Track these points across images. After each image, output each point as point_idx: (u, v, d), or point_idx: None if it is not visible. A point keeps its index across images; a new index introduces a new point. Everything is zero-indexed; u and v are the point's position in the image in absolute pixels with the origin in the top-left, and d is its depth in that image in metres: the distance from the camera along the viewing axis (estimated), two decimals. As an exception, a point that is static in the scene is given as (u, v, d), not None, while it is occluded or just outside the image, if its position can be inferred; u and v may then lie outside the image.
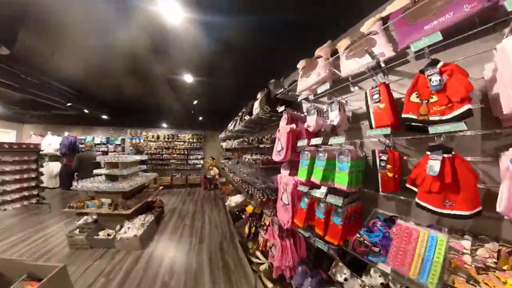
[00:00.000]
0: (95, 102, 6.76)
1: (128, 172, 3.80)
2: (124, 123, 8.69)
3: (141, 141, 8.71)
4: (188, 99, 6.02)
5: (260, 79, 3.11)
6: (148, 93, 5.88)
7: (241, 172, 3.80)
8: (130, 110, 8.07)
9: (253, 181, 2.99)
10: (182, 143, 9.06)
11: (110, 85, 4.84)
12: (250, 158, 3.01)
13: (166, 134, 8.97)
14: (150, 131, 8.92)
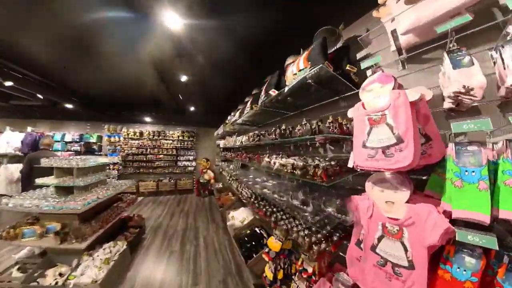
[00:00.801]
0: (63, 90, 5.44)
1: (87, 181, 2.57)
2: (102, 118, 7.31)
3: (121, 139, 7.34)
4: (178, 85, 4.85)
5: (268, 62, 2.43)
6: (129, 77, 4.69)
7: (255, 184, 2.64)
8: (107, 99, 6.74)
9: (290, 204, 1.83)
10: (171, 142, 7.77)
11: (82, 68, 4.04)
12: (281, 163, 1.89)
13: (151, 130, 7.65)
14: (131, 127, 7.57)
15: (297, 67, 1.69)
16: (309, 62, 1.51)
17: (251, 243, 2.97)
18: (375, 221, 1.07)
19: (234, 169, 4.12)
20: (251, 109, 2.60)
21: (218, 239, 3.98)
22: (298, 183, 2.16)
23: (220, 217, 5.18)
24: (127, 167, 7.34)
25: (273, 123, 3.15)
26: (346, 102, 1.76)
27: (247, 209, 4.08)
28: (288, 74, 1.77)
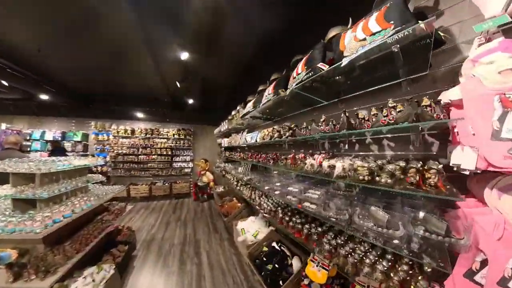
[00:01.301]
0: (37, 77, 4.68)
1: (54, 191, 1.91)
2: (89, 114, 6.56)
3: (110, 137, 6.59)
4: (174, 76, 4.22)
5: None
6: (120, 67, 4.05)
7: (287, 194, 1.99)
8: (93, 91, 5.99)
9: (358, 224, 1.26)
10: (165, 141, 7.07)
11: (61, 51, 3.52)
12: (347, 166, 1.31)
13: (144, 128, 6.93)
14: (122, 124, 6.82)
15: (365, 31, 1.16)
16: (391, 22, 1.03)
17: (273, 265, 2.35)
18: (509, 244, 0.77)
19: (244, 172, 3.50)
20: (276, 95, 2.02)
21: (224, 255, 3.36)
22: (359, 194, 1.57)
23: (223, 225, 4.57)
24: (117, 168, 6.60)
25: (296, 115, 2.55)
26: (410, 86, 1.29)
27: (258, 218, 3.49)
28: (347, 42, 1.29)
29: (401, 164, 1.09)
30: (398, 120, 1.08)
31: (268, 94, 2.23)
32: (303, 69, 1.62)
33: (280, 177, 2.64)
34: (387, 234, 1.09)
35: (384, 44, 1.05)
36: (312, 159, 1.68)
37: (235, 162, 4.62)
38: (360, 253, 1.31)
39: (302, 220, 1.92)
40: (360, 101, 1.68)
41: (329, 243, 1.51)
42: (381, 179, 1.13)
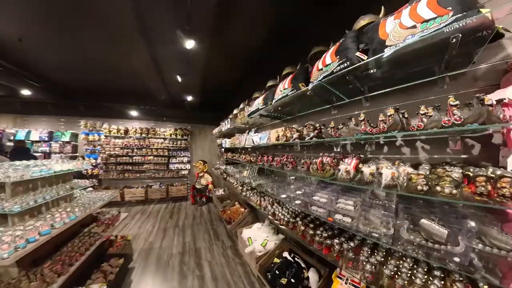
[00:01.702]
0: (26, 75, 4.27)
1: (28, 203, 1.56)
2: (79, 112, 6.12)
3: (101, 137, 6.16)
4: (174, 69, 3.87)
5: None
6: (113, 59, 3.69)
7: (311, 204, 1.72)
8: (83, 88, 5.57)
9: (405, 240, 1.05)
10: (161, 141, 6.69)
11: (45, 42, 3.17)
12: (410, 175, 1.06)
13: (138, 127, 6.53)
14: (114, 123, 6.41)
15: (414, 17, 0.99)
16: (449, 8, 0.89)
17: (288, 279, 2.06)
18: None
19: (250, 176, 3.19)
20: (295, 89, 1.78)
21: (228, 266, 3.05)
22: (398, 204, 1.33)
23: (224, 231, 4.26)
24: (109, 171, 6.18)
25: (310, 114, 2.30)
26: (446, 84, 1.16)
27: (265, 225, 3.19)
28: (389, 29, 1.10)
29: (469, 171, 0.91)
30: (467, 121, 0.89)
31: (284, 89, 1.97)
32: (333, 59, 1.40)
33: (297, 182, 2.32)
34: (444, 251, 0.94)
35: (441, 33, 0.89)
36: (346, 164, 1.41)
37: (237, 164, 4.32)
38: (406, 272, 1.12)
39: (329, 233, 1.66)
40: (389, 99, 1.49)
41: (368, 261, 1.28)
42: (443, 189, 0.92)
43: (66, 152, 6.08)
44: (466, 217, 1.01)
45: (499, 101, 0.85)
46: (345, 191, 1.73)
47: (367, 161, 1.45)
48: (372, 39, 1.20)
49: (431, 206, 1.21)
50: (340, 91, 1.64)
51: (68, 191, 2.10)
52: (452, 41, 0.89)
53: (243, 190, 3.41)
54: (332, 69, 1.40)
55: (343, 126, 1.52)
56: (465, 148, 1.14)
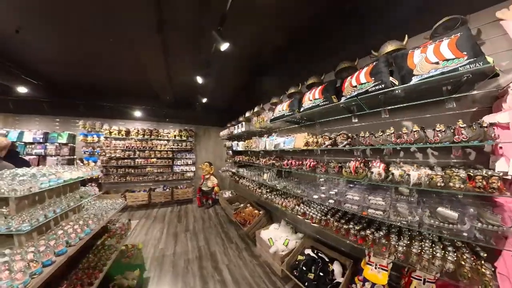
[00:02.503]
0: (20, 70, 3.92)
1: (38, 220, 1.33)
2: (76, 111, 5.75)
3: (101, 139, 5.84)
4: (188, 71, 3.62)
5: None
6: (115, 54, 3.42)
7: (347, 202, 1.88)
8: (82, 86, 5.22)
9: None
10: (165, 143, 6.41)
11: (44, 35, 2.89)
12: None
13: (141, 128, 6.23)
14: (115, 124, 6.09)
15: (437, 55, 1.31)
16: (464, 53, 1.21)
17: (315, 274, 2.26)
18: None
19: (270, 179, 3.06)
20: (327, 100, 2.03)
21: (247, 268, 2.98)
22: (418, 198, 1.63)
23: (236, 233, 4.11)
24: (110, 174, 5.88)
25: (331, 121, 2.51)
26: (452, 103, 1.55)
27: (282, 225, 3.24)
28: (417, 61, 1.40)
29: (470, 172, 1.25)
30: (471, 139, 1.24)
31: (314, 99, 2.18)
32: (368, 80, 1.65)
33: (327, 184, 2.36)
34: (456, 229, 1.27)
35: (456, 70, 1.20)
36: (376, 167, 1.68)
37: (250, 166, 4.17)
38: (428, 249, 1.42)
39: (360, 226, 1.87)
40: (405, 112, 1.80)
41: (399, 244, 1.54)
42: (455, 185, 1.27)
43: (63, 154, 5.71)
44: (466, 204, 1.38)
45: (492, 124, 1.20)
46: (371, 189, 1.95)
47: (388, 164, 1.77)
48: (401, 67, 1.48)
49: (441, 198, 1.54)
50: (363, 103, 1.86)
51: (78, 202, 1.87)
52: (464, 78, 1.25)
53: (262, 192, 3.27)
54: (367, 88, 1.64)
55: (370, 136, 1.79)
56: (464, 154, 1.51)
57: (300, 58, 3.06)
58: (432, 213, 1.41)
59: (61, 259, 1.31)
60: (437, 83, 1.35)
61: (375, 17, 2.08)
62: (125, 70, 4.12)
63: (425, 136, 1.44)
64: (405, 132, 1.54)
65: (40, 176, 1.45)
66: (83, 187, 2.31)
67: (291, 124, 3.11)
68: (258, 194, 3.39)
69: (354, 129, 2.20)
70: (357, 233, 1.82)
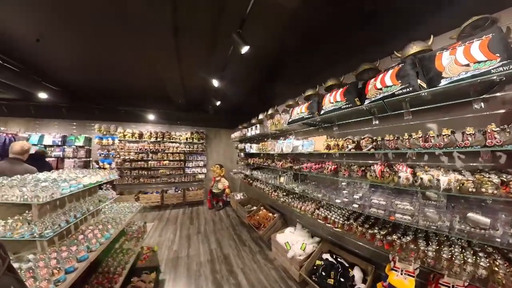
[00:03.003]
0: (41, 77, 4.11)
1: (59, 225, 1.34)
2: (92, 115, 5.96)
3: (115, 141, 6.00)
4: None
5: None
6: (134, 62, 3.49)
7: (373, 206, 1.83)
8: (97, 91, 5.38)
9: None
10: (177, 145, 6.48)
11: (62, 43, 2.99)
12: None
13: (153, 131, 6.34)
14: (128, 127, 6.23)
15: (468, 57, 1.26)
16: (497, 54, 1.15)
17: (334, 279, 2.20)
18: None
19: (287, 182, 3.00)
20: (350, 103, 1.98)
21: (262, 272, 2.92)
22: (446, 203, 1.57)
23: (248, 236, 4.07)
24: (124, 176, 6.02)
25: (351, 123, 2.38)
26: (479, 105, 1.47)
27: (298, 229, 3.19)
28: (445, 63, 1.36)
29: (502, 177, 1.20)
30: (505, 143, 1.17)
31: (336, 102, 2.13)
32: (395, 83, 1.60)
33: (349, 188, 2.28)
34: (488, 235, 1.23)
35: (487, 73, 1.15)
36: (403, 171, 1.61)
37: (264, 169, 4.13)
38: (459, 254, 1.36)
39: (385, 231, 1.81)
40: (429, 114, 1.72)
41: (429, 250, 1.48)
42: (487, 190, 1.22)
43: (80, 157, 5.92)
44: (497, 210, 1.32)
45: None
46: (395, 193, 1.88)
47: (413, 167, 1.68)
48: (429, 69, 1.42)
49: (470, 203, 1.48)
50: (386, 104, 1.77)
51: (97, 206, 1.88)
52: (497, 80, 1.19)
53: (279, 196, 3.22)
54: (394, 91, 1.58)
55: (395, 139, 1.70)
56: (494, 158, 1.43)
57: (317, 59, 2.99)
58: (462, 218, 1.37)
59: (83, 265, 1.31)
60: (466, 85, 1.28)
61: (395, 17, 1.99)
62: (139, 74, 4.19)
63: (455, 140, 1.37)
64: (432, 136, 1.48)
65: (61, 181, 1.46)
66: (100, 190, 2.35)
67: (307, 127, 3.04)
68: (274, 197, 3.35)
69: (375, 132, 2.12)
70: (383, 238, 1.76)
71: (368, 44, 2.25)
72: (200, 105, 6.10)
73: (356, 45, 2.36)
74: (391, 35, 2.03)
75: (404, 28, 1.92)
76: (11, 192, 1.25)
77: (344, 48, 2.53)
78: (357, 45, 2.34)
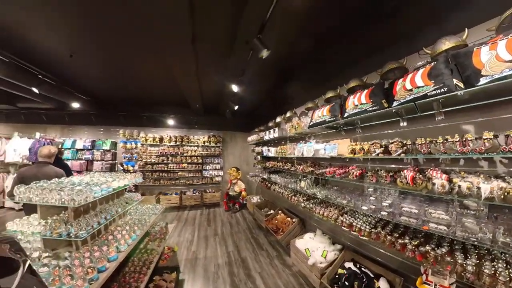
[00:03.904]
0: (76, 89, 4.55)
1: (92, 226, 1.43)
2: (117, 122, 6.41)
3: (138, 145, 6.33)
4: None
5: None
6: (157, 72, 3.72)
7: (404, 215, 1.71)
8: (122, 99, 5.78)
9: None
10: (195, 148, 6.68)
11: (91, 57, 3.32)
12: None
13: (173, 135, 6.60)
14: (150, 131, 6.56)
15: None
16: None
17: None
18: None
19: (308, 187, 2.93)
20: (376, 105, 1.85)
21: (280, 277, 2.89)
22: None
23: (265, 240, 4.05)
24: (146, 178, 6.33)
25: (376, 125, 2.24)
26: None
27: (318, 235, 3.08)
28: (485, 59, 1.21)
29: None
30: None
31: (361, 104, 1.98)
32: (427, 83, 1.46)
33: (376, 194, 2.16)
34: None
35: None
36: (438, 178, 1.45)
37: (281, 173, 4.09)
38: (504, 270, 1.21)
39: (417, 241, 1.65)
40: (465, 115, 1.56)
41: (468, 263, 1.32)
42: None
43: (107, 159, 6.35)
44: None
45: None
46: (428, 201, 1.75)
47: (447, 173, 1.54)
48: (465, 66, 1.28)
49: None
50: (417, 106, 1.63)
51: (125, 208, 1.99)
52: None
53: (299, 201, 3.15)
54: (426, 92, 1.45)
55: (428, 143, 1.56)
56: None
57: (337, 58, 2.88)
58: (506, 230, 1.24)
59: (113, 265, 1.38)
60: (510, 83, 1.14)
61: (422, 8, 1.83)
62: (159, 82, 4.43)
63: (499, 145, 1.24)
64: (471, 139, 1.34)
65: (93, 186, 1.57)
66: (127, 193, 2.49)
67: (327, 129, 2.91)
68: (294, 202, 3.26)
69: (402, 134, 1.97)
70: (415, 249, 1.62)
71: (392, 40, 2.10)
72: (217, 110, 6.23)
73: (380, 41, 2.20)
74: (418, 29, 1.86)
75: (432, 21, 1.75)
76: (51, 195, 1.37)
77: (366, 45, 2.39)
78: (381, 41, 2.19)
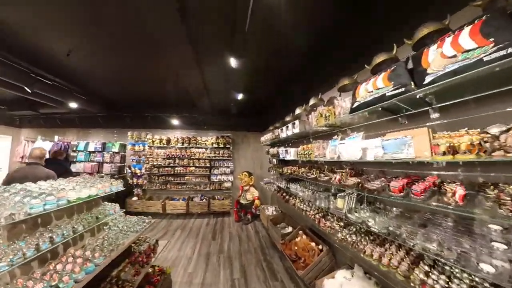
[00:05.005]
0: (77, 89, 4.49)
1: (24, 254, 0.95)
2: (127, 124, 6.33)
3: (146, 147, 6.10)
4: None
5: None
6: (160, 72, 3.54)
7: None
8: (128, 100, 5.62)
9: None
10: (203, 150, 6.26)
11: (91, 56, 3.27)
12: None
13: (180, 137, 6.27)
14: (157, 133, 6.31)
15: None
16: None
17: None
18: None
19: (349, 208, 1.84)
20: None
21: None
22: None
23: (281, 264, 3.37)
24: (153, 182, 6.04)
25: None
26: None
27: (357, 273, 2.14)
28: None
29: None
30: None
31: (463, 52, 0.99)
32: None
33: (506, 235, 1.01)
34: None
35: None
36: None
37: (303, 181, 3.11)
38: None
39: None
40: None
41: None
42: None
43: (116, 162, 6.21)
44: None
45: None
46: None
47: None
48: None
49: None
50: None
51: (91, 224, 1.52)
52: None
53: (333, 227, 2.21)
54: None
55: None
56: None
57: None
58: None
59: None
60: None
61: None
62: (164, 83, 4.31)
63: None
64: None
65: (30, 197, 1.11)
66: (110, 204, 2.06)
67: (375, 117, 1.86)
68: (326, 229, 2.30)
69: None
70: None
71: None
72: (225, 108, 5.82)
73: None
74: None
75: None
76: None
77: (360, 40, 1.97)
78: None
